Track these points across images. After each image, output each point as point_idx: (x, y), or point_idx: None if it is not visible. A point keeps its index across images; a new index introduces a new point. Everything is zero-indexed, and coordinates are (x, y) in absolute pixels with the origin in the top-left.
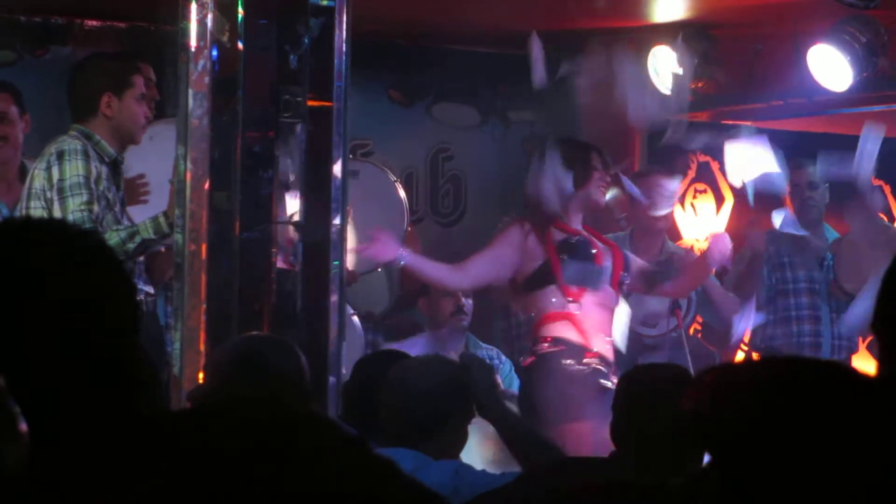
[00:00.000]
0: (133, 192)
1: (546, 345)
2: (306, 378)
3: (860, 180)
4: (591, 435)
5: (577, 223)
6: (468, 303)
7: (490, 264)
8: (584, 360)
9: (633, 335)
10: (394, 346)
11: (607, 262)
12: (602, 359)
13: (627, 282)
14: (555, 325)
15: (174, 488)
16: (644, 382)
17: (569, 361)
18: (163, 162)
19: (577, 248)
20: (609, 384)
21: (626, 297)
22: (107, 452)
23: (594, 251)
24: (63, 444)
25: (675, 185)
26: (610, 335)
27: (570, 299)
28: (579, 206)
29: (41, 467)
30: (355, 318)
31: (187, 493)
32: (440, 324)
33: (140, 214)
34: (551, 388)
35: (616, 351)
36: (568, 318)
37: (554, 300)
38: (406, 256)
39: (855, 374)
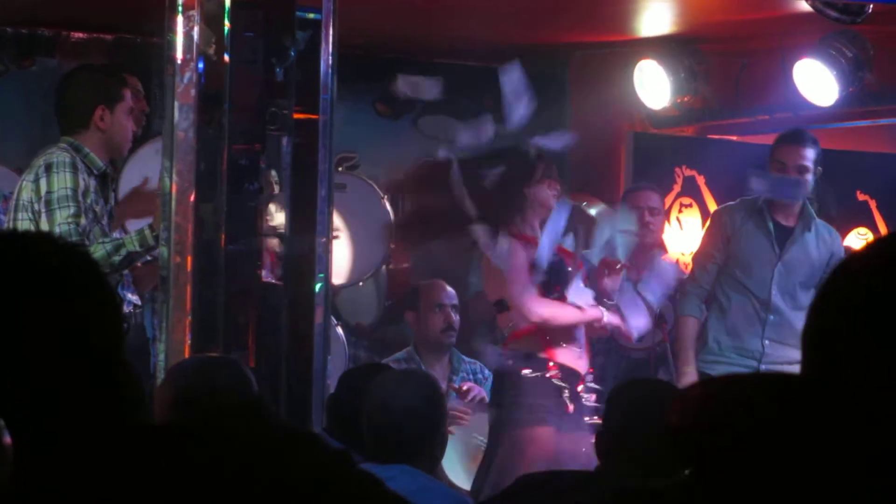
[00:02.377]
0: (142, 203)
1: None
2: (254, 391)
3: None
4: (550, 439)
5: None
6: (456, 319)
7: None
8: (547, 372)
9: (620, 349)
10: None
11: (578, 280)
12: (563, 369)
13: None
14: (525, 339)
15: (167, 496)
16: (629, 397)
17: (527, 371)
18: None
19: (558, 272)
20: (567, 394)
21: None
22: (105, 458)
23: (569, 269)
24: (62, 446)
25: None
26: (578, 346)
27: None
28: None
29: (40, 470)
30: (339, 330)
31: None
32: (428, 339)
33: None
34: (513, 395)
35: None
36: (536, 331)
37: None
38: None
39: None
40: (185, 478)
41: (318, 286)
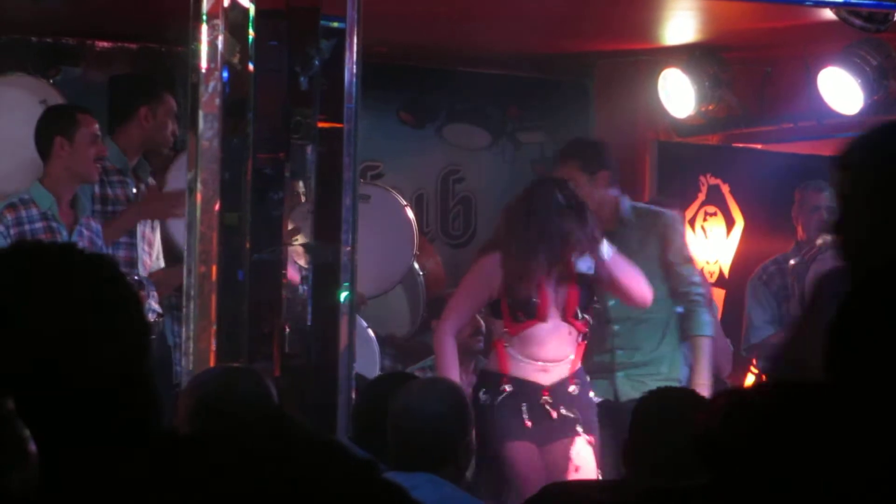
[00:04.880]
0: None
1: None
2: (274, 402)
3: None
4: (525, 453)
5: None
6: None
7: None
8: (501, 388)
9: None
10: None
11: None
12: (517, 382)
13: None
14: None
15: None
16: (656, 406)
17: (481, 394)
18: None
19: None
20: (525, 411)
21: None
22: (112, 465)
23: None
24: (68, 450)
25: None
26: (540, 360)
27: (507, 331)
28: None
29: (50, 479)
30: (370, 332)
31: None
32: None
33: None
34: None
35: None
36: (497, 345)
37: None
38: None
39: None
40: (200, 486)
41: (343, 295)
